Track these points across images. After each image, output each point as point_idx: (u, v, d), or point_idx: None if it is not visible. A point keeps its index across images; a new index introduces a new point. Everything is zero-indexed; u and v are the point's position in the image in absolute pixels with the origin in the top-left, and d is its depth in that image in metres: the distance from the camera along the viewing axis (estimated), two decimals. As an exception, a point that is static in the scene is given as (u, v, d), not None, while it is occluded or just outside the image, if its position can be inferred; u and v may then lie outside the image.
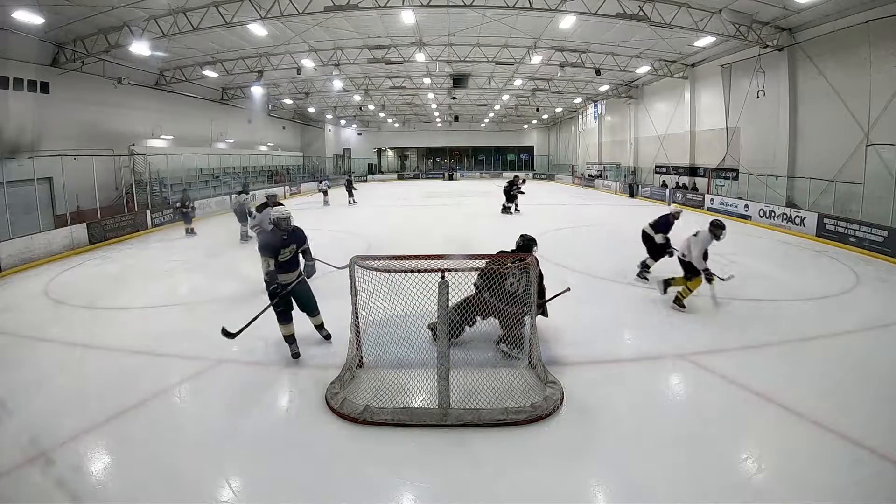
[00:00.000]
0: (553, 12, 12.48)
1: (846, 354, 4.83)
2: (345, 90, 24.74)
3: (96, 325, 5.87)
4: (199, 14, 12.24)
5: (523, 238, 5.19)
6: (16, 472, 3.03)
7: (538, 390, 3.89)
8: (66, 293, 7.40)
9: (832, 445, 3.25)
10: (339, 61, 17.95)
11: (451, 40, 16.76)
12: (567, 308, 5.07)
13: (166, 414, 3.79)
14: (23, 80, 12.69)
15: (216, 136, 23.44)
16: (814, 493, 2.82)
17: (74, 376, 4.51)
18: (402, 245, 10.50)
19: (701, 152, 19.50)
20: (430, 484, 2.95)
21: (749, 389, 3.99)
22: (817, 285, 7.32)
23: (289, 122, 33.38)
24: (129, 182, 15.36)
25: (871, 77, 11.39)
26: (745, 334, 5.25)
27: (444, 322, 3.53)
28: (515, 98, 29.69)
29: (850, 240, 10.37)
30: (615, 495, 2.87)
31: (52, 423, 3.57)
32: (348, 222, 14.85)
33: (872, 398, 3.88)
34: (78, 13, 11.69)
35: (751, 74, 15.56)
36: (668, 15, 12.51)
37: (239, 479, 3.01)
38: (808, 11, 12.21)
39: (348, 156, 41.70)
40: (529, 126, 43.00)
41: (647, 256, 7.52)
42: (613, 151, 28.16)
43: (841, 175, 12.30)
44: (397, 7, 12.33)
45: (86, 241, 11.19)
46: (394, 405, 3.67)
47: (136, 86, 16.75)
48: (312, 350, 5.05)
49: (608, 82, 22.64)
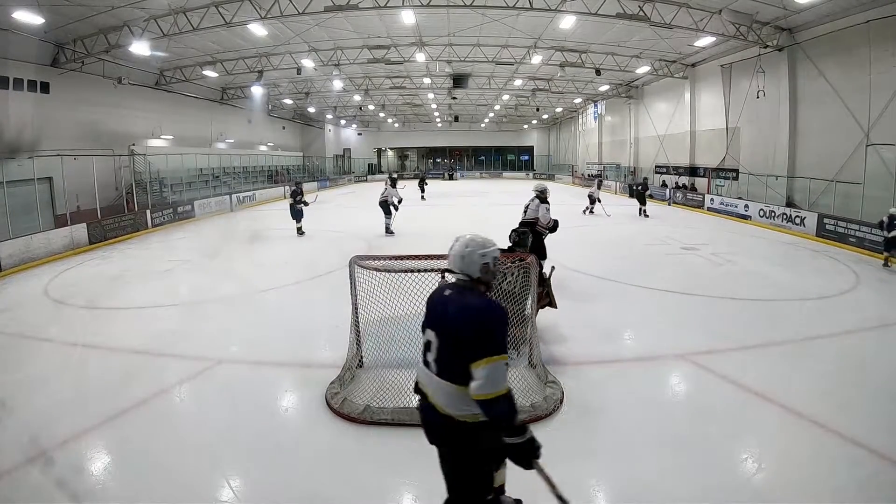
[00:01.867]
0: (553, 12, 12.48)
1: (846, 354, 4.83)
2: (345, 90, 24.73)
3: (96, 325, 5.86)
4: (199, 14, 12.24)
5: (517, 234, 5.18)
6: (16, 472, 3.03)
7: (538, 390, 3.89)
8: (66, 293, 7.40)
9: (832, 445, 3.25)
10: (339, 61, 17.95)
11: (451, 40, 16.75)
12: (567, 308, 5.08)
13: (166, 414, 3.78)
14: (23, 80, 12.68)
15: (216, 136, 23.44)
16: (813, 493, 2.82)
17: (74, 376, 4.51)
18: (404, 246, 10.51)
19: (701, 152, 19.50)
20: (431, 484, 2.94)
21: (749, 389, 3.99)
22: (817, 285, 7.32)
23: (289, 122, 33.39)
24: (129, 182, 15.37)
25: (870, 77, 11.39)
26: (745, 334, 5.25)
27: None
28: (515, 98, 29.69)
29: (850, 240, 10.37)
30: (615, 495, 2.87)
31: (52, 423, 3.57)
32: (348, 222, 14.85)
33: (872, 398, 3.88)
34: (78, 13, 11.69)
35: (751, 74, 15.56)
36: (668, 15, 12.51)
37: (239, 479, 3.01)
38: (808, 11, 12.20)
39: (348, 156, 41.72)
40: (529, 126, 43.00)
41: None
42: (613, 151, 28.16)
43: (841, 175, 12.30)
44: (397, 7, 12.33)
45: (86, 241, 11.19)
46: (394, 405, 3.67)
47: (136, 86, 16.73)
48: (313, 350, 5.06)
49: (608, 82, 22.63)
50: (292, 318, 6.05)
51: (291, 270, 8.38)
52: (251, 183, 24.15)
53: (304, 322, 5.87)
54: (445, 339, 1.94)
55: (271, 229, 13.11)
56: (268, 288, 7.35)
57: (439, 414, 1.95)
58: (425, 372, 2.04)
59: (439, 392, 1.95)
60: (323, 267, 8.43)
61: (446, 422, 1.93)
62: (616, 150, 27.72)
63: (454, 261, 2.05)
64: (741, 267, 8.61)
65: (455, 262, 2.05)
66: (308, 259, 9.32)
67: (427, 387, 2.03)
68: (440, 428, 1.98)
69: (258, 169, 26.31)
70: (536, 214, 6.40)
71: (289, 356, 4.81)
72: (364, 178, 39.94)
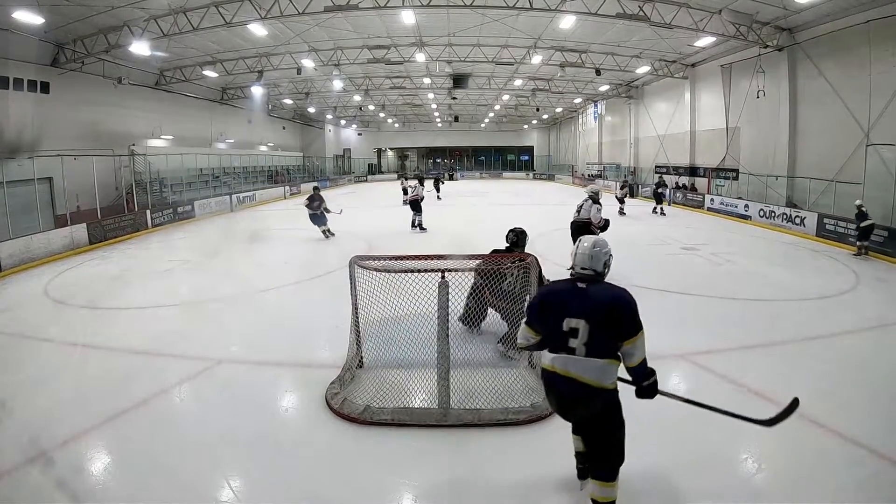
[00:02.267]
0: (553, 12, 12.48)
1: (846, 354, 4.83)
2: (345, 90, 24.74)
3: (96, 325, 5.86)
4: (199, 14, 12.24)
5: (514, 233, 5.16)
6: (16, 472, 3.03)
7: (538, 390, 3.88)
8: (66, 293, 7.40)
9: (832, 445, 3.25)
10: (339, 61, 17.95)
11: (451, 40, 16.76)
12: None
13: (166, 414, 3.78)
14: (23, 80, 12.68)
15: (216, 136, 23.44)
16: (813, 493, 2.82)
17: (74, 376, 4.50)
18: (404, 246, 10.51)
19: (701, 152, 19.50)
20: (431, 484, 2.95)
21: (749, 389, 3.99)
22: (817, 285, 7.32)
23: (289, 122, 33.39)
24: (129, 182, 15.37)
25: (870, 77, 11.39)
26: (745, 334, 5.25)
27: (445, 322, 3.53)
28: (515, 98, 29.69)
29: (850, 240, 10.36)
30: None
31: (52, 423, 3.57)
32: (348, 222, 14.84)
33: (872, 398, 3.89)
34: (78, 13, 11.69)
35: (751, 74, 15.56)
36: (668, 15, 12.52)
37: (239, 479, 3.01)
38: (808, 11, 12.21)
39: (348, 156, 41.73)
40: (529, 126, 42.99)
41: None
42: (613, 151, 28.16)
43: (841, 175, 12.30)
44: (397, 7, 12.33)
45: (86, 241, 11.19)
46: (394, 405, 3.67)
47: (136, 86, 16.73)
48: (313, 350, 5.06)
49: (608, 82, 22.63)
50: (292, 318, 6.05)
51: (291, 270, 8.39)
52: (251, 183, 24.14)
53: (304, 322, 5.87)
54: (597, 324, 2.32)
55: (271, 229, 13.12)
56: (268, 288, 7.35)
57: (588, 387, 2.34)
58: (566, 357, 2.37)
59: (589, 369, 2.33)
60: (323, 267, 8.44)
61: (594, 392, 2.35)
62: (616, 150, 27.71)
63: (583, 259, 2.46)
64: (741, 267, 8.61)
65: (584, 260, 2.46)
66: (308, 259, 9.33)
67: (571, 369, 2.35)
68: (587, 399, 2.37)
69: (258, 169, 26.30)
70: (589, 215, 7.19)
71: (289, 356, 4.81)
72: (364, 178, 39.95)
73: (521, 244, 5.16)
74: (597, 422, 2.45)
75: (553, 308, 2.44)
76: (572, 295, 2.42)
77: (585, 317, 2.34)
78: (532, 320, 2.53)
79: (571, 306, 2.38)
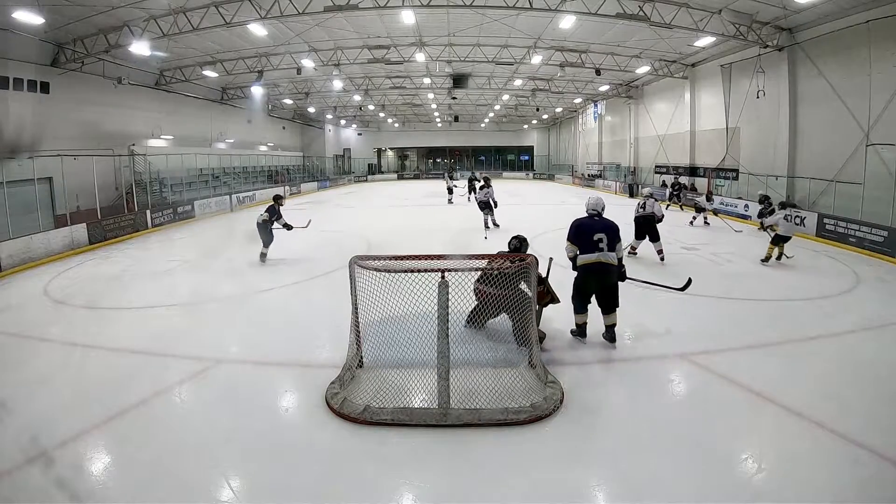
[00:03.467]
0: (553, 12, 12.47)
1: (846, 354, 4.84)
2: (345, 90, 24.72)
3: (96, 325, 5.86)
4: (199, 14, 12.23)
5: (518, 240, 5.33)
6: (16, 472, 3.03)
7: (538, 390, 3.89)
8: (66, 293, 7.41)
9: (832, 445, 3.25)
10: (339, 61, 17.94)
11: (451, 40, 16.75)
12: (567, 308, 5.07)
13: (166, 414, 3.78)
14: (23, 80, 12.68)
15: (216, 136, 23.43)
16: (814, 493, 2.82)
17: (75, 376, 4.51)
18: (404, 246, 10.51)
19: (701, 152, 19.49)
20: (431, 484, 2.95)
21: (749, 389, 3.99)
22: (817, 285, 7.32)
23: (289, 122, 33.37)
24: (129, 182, 15.36)
25: (871, 77, 11.38)
26: (745, 334, 5.26)
27: (445, 321, 3.52)
28: (515, 98, 29.67)
29: (850, 240, 10.37)
30: (615, 495, 2.87)
31: (52, 423, 3.57)
32: (348, 222, 14.86)
33: (872, 398, 3.88)
34: (78, 13, 11.68)
35: (751, 74, 15.54)
36: (668, 15, 12.51)
37: (239, 479, 3.01)
38: (808, 11, 12.19)
39: (348, 156, 41.72)
40: (529, 126, 42.98)
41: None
42: (613, 151, 28.15)
43: (841, 175, 12.29)
44: (397, 7, 12.32)
45: (86, 241, 11.19)
46: (394, 405, 3.67)
47: (136, 86, 16.72)
48: (313, 350, 5.06)
49: (608, 82, 22.62)
50: (292, 318, 6.05)
51: (291, 270, 8.39)
52: (251, 183, 24.14)
53: (304, 322, 5.87)
54: (610, 235, 4.72)
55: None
56: (268, 288, 7.35)
57: (611, 265, 4.72)
58: (600, 253, 4.67)
59: (610, 257, 4.71)
60: (323, 267, 8.44)
61: (615, 267, 4.75)
62: (616, 150, 27.70)
63: (595, 203, 4.97)
64: (741, 267, 8.61)
65: (597, 204, 4.97)
66: (308, 259, 9.32)
67: (603, 258, 4.68)
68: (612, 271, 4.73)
69: (258, 169, 26.30)
70: (653, 209, 8.81)
71: (289, 356, 4.81)
72: (364, 178, 39.95)
73: (524, 250, 5.29)
74: (612, 281, 4.74)
75: (585, 229, 4.77)
76: (594, 222, 4.83)
77: (604, 232, 4.71)
78: (572, 238, 4.80)
79: (596, 227, 4.76)
